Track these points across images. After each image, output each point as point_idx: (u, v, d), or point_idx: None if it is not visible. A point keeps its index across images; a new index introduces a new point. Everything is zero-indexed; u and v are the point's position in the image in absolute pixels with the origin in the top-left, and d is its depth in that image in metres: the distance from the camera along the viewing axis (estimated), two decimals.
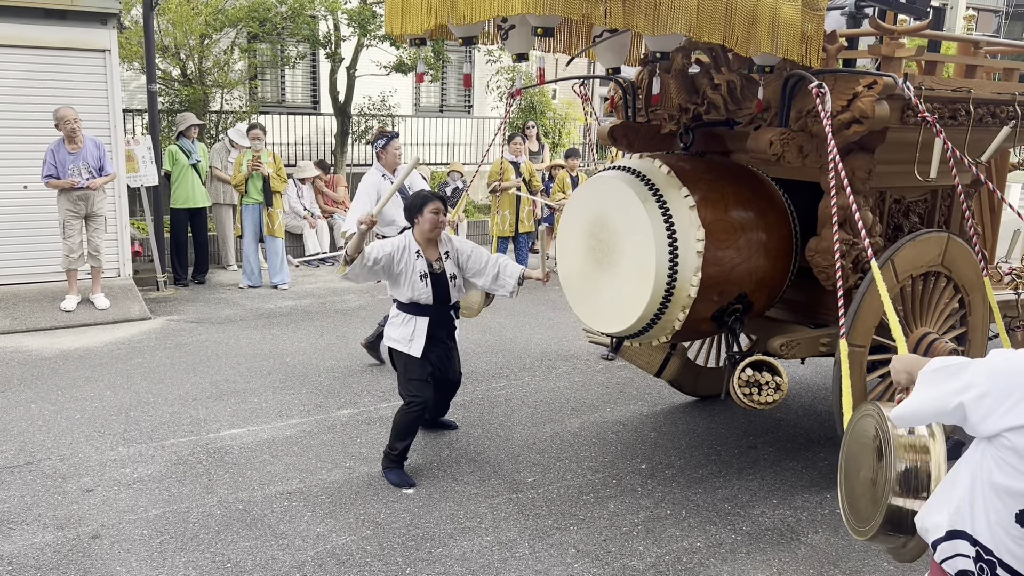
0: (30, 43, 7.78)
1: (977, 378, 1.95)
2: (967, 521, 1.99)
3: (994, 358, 1.96)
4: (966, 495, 2.00)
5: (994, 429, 1.89)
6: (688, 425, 5.56)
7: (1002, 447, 1.88)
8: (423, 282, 4.52)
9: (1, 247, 7.89)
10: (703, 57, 4.62)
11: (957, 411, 1.98)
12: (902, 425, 2.38)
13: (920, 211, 4.77)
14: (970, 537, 1.98)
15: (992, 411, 1.89)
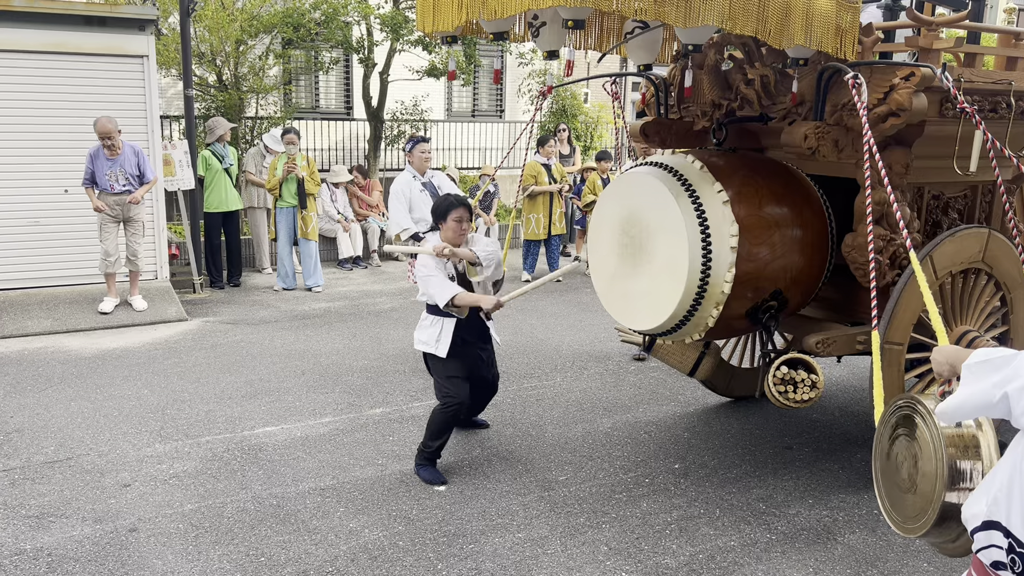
0: (71, 49, 7.95)
1: (1021, 369, 1.92)
2: (1003, 512, 1.97)
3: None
4: (1004, 486, 1.98)
5: None
6: (722, 425, 5.50)
7: None
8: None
9: (42, 250, 8.05)
10: (736, 53, 4.58)
11: (1002, 403, 1.95)
12: (948, 421, 2.34)
13: (960, 207, 4.68)
14: (1004, 528, 1.96)
15: None
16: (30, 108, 7.86)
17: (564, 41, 4.15)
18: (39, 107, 7.89)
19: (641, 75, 5.20)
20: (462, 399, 4.61)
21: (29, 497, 4.34)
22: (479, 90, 15.49)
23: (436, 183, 6.69)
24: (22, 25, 7.75)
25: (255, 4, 11.27)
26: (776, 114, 4.37)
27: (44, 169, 7.88)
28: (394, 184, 6.63)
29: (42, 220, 7.88)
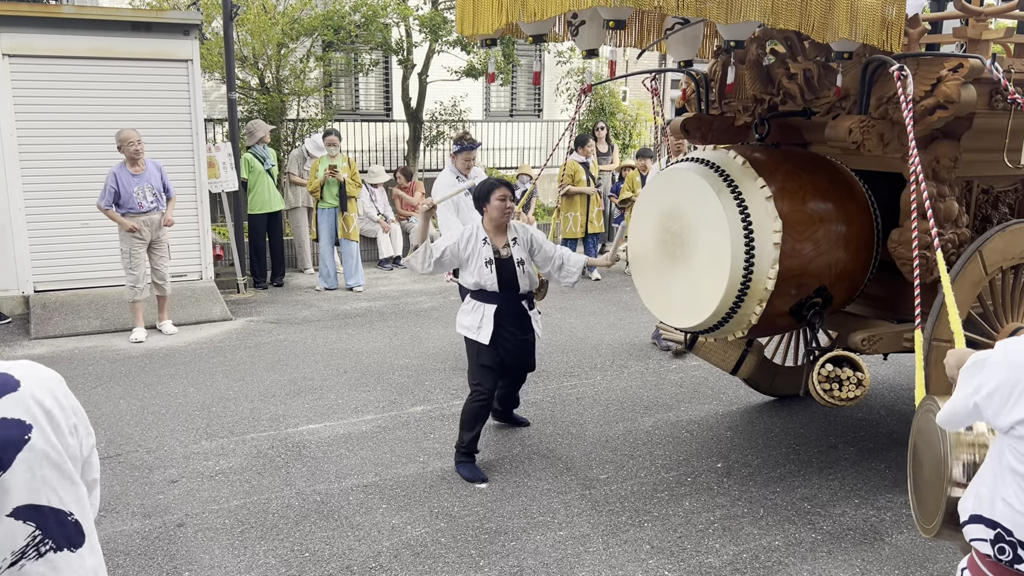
0: (118, 54, 8.12)
1: (984, 375, 2.01)
2: (985, 506, 2.07)
3: (997, 352, 2.01)
4: (988, 481, 2.08)
5: (1006, 423, 1.96)
6: (765, 424, 5.44)
7: (1014, 437, 1.96)
8: (488, 268, 4.54)
9: (92, 252, 8.23)
10: (778, 47, 4.53)
11: (975, 411, 2.06)
12: (948, 428, 2.38)
13: (1010, 201, 4.57)
14: (987, 520, 2.06)
15: (1001, 407, 1.96)
16: (79, 112, 8.05)
17: (604, 39, 4.14)
18: (88, 111, 8.07)
19: (681, 71, 5.16)
20: (489, 389, 4.64)
21: None
22: (517, 90, 15.50)
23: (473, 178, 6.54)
24: (71, 31, 7.94)
25: (296, 8, 11.41)
26: (819, 108, 4.31)
27: (93, 172, 8.04)
28: (439, 183, 6.43)
29: (92, 222, 8.05)
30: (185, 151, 8.52)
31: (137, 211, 7.26)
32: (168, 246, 7.65)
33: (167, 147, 8.25)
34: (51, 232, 8.14)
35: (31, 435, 1.41)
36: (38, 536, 1.41)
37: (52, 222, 8.13)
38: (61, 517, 1.42)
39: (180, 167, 8.37)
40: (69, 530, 1.41)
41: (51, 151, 8.04)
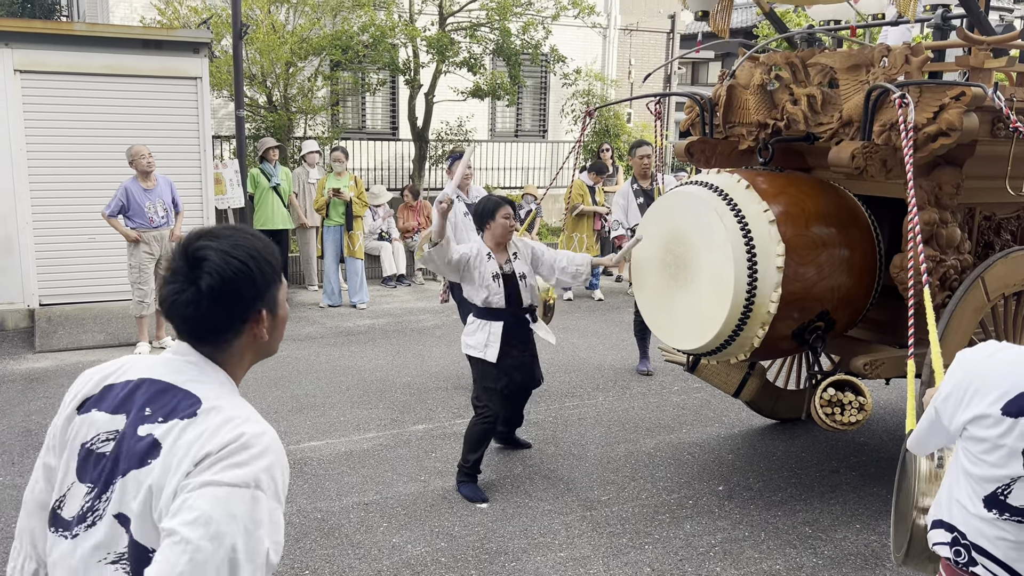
0: (128, 71, 8.21)
1: (944, 382, 2.10)
2: (944, 510, 2.14)
3: (956, 359, 2.10)
4: (945, 487, 2.15)
5: (959, 423, 2.03)
6: (767, 448, 5.44)
7: (966, 438, 2.03)
8: (495, 282, 4.56)
9: (97, 266, 8.27)
10: (783, 73, 4.57)
11: (937, 418, 2.12)
12: (916, 451, 2.45)
13: (1012, 228, 4.59)
14: (947, 524, 2.12)
15: (956, 409, 2.03)
16: (89, 127, 8.13)
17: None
18: (97, 126, 8.15)
19: (686, 95, 5.21)
20: (496, 411, 4.65)
21: None
22: (523, 110, 15.61)
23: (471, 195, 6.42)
24: (82, 48, 8.03)
25: (305, 27, 11.52)
26: (823, 134, 4.35)
27: (101, 187, 8.08)
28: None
29: (98, 236, 8.10)
30: (192, 168, 8.58)
31: (148, 226, 7.28)
32: None
33: (175, 163, 8.31)
34: (58, 246, 8.19)
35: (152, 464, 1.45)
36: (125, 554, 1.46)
37: (59, 236, 8.18)
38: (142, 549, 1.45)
39: (187, 183, 8.42)
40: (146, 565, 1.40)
41: (60, 166, 8.10)
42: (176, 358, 1.59)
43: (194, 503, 1.35)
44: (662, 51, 18.39)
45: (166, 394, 1.52)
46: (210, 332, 1.57)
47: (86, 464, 1.54)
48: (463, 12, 12.44)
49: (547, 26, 12.39)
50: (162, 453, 1.44)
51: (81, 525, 1.50)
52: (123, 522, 1.46)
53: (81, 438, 1.57)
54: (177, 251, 1.56)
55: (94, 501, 1.50)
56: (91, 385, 1.63)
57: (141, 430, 1.49)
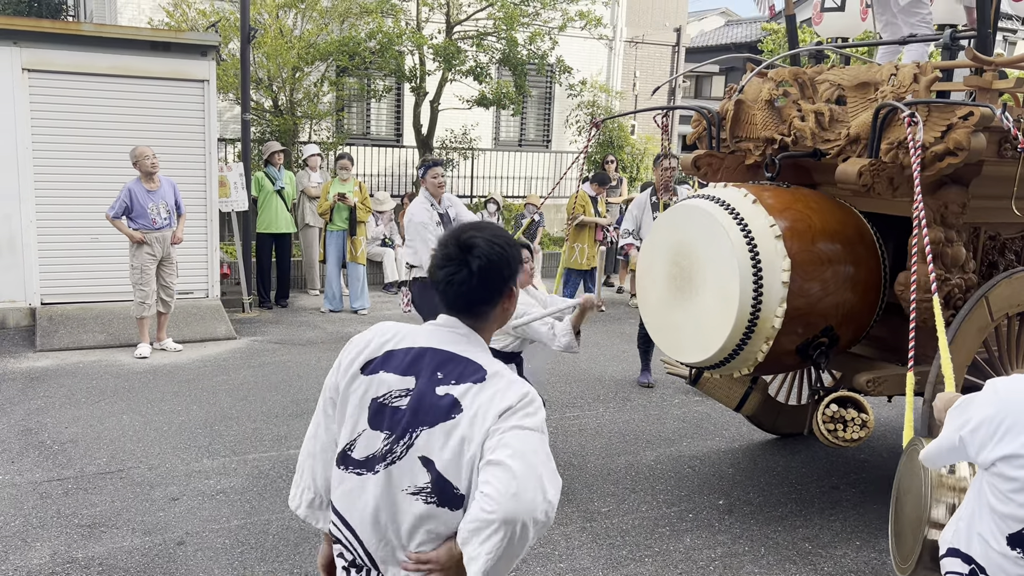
0: (136, 73, 8.22)
1: (971, 411, 2.05)
2: (963, 540, 2.10)
3: (986, 389, 2.05)
4: (966, 516, 2.12)
5: (988, 459, 1.99)
6: (767, 462, 5.44)
7: (994, 475, 1.99)
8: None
9: (100, 266, 8.26)
10: (791, 89, 4.59)
11: (960, 446, 2.08)
12: (930, 466, 2.42)
13: (1017, 248, 4.60)
14: (964, 555, 2.09)
15: (985, 443, 1.99)
16: (94, 128, 8.14)
17: None
18: (103, 127, 8.16)
19: (692, 108, 5.23)
20: None
21: (82, 507, 4.45)
22: (527, 120, 15.64)
23: (453, 213, 6.26)
24: (90, 49, 8.05)
25: (312, 32, 11.56)
26: (830, 150, 4.36)
27: (106, 187, 8.09)
28: (416, 210, 6.15)
29: (101, 236, 8.10)
30: (197, 170, 8.59)
31: (151, 227, 7.31)
32: (177, 263, 7.69)
33: (180, 165, 8.32)
34: (61, 245, 8.19)
35: (457, 418, 1.81)
36: (429, 488, 1.83)
37: (62, 236, 8.18)
38: (447, 486, 1.82)
39: (192, 185, 8.43)
40: (450, 498, 1.82)
41: (65, 165, 8.11)
42: (447, 330, 1.96)
43: (509, 441, 1.75)
44: (667, 64, 18.45)
45: (452, 361, 1.89)
46: (477, 305, 1.94)
47: (379, 415, 1.90)
48: (470, 21, 12.49)
49: (554, 37, 12.44)
50: (464, 409, 1.82)
51: (381, 464, 1.88)
52: (426, 464, 1.83)
53: (372, 394, 1.92)
54: (450, 240, 1.93)
55: (392, 445, 1.87)
56: (371, 349, 1.97)
57: (439, 390, 1.86)
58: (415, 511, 1.85)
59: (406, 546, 1.88)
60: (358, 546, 1.93)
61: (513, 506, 1.69)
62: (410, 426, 1.86)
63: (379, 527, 1.89)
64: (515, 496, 1.69)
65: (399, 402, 1.89)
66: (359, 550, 1.94)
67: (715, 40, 27.29)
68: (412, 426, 1.86)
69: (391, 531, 1.88)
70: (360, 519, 1.91)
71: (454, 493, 1.82)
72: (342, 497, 1.95)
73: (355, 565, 1.97)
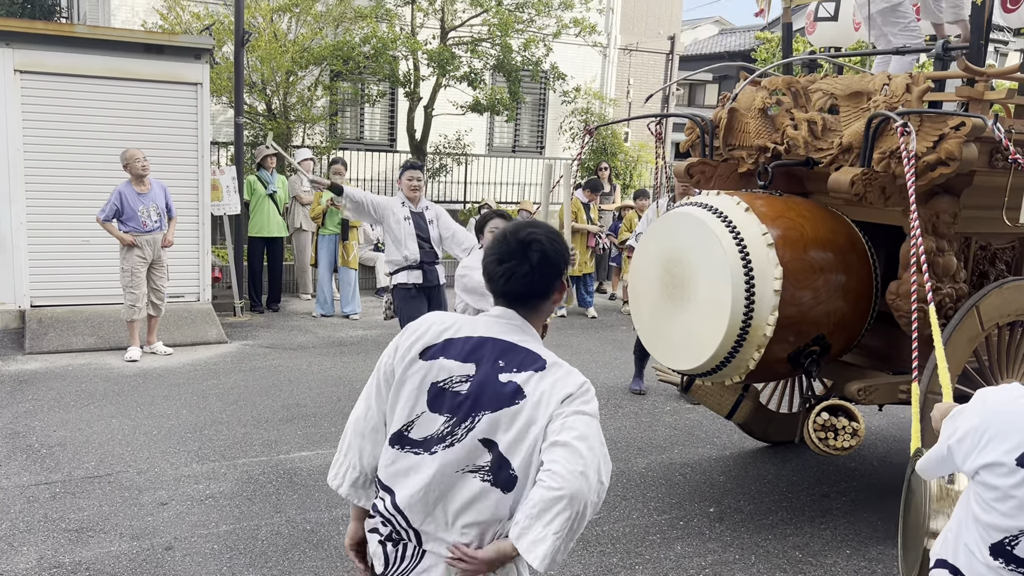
0: (129, 75, 8.20)
1: (959, 421, 2.06)
2: (950, 551, 2.11)
3: (975, 399, 2.06)
4: (954, 527, 2.13)
5: (972, 468, 2.00)
6: (758, 470, 5.44)
7: (978, 483, 1.99)
8: None
9: (90, 268, 8.23)
10: (784, 97, 4.60)
11: (949, 455, 2.09)
12: (925, 476, 2.44)
13: (1007, 258, 4.62)
14: (950, 566, 2.09)
15: (970, 451, 2.00)
16: (86, 129, 8.11)
17: None
18: (95, 129, 8.13)
19: (686, 116, 5.24)
20: None
21: (69, 511, 4.41)
22: (520, 126, 15.66)
23: (430, 216, 6.13)
24: (83, 51, 8.02)
25: (307, 37, 11.55)
26: (822, 159, 4.38)
27: (97, 190, 8.05)
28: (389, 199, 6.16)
29: (91, 239, 8.07)
30: (190, 173, 8.57)
31: (141, 230, 7.28)
32: (167, 266, 7.67)
33: (172, 168, 8.30)
34: (51, 248, 8.15)
35: (521, 403, 1.96)
36: (488, 467, 1.96)
37: (53, 238, 8.14)
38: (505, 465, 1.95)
39: (184, 189, 8.41)
40: (505, 478, 1.95)
41: (56, 167, 8.08)
42: (505, 321, 2.09)
43: (574, 424, 1.91)
44: (661, 71, 18.50)
45: (512, 351, 2.04)
46: (534, 297, 2.09)
47: (440, 399, 2.02)
48: (465, 27, 12.50)
49: (548, 43, 12.46)
50: (528, 395, 1.97)
51: (440, 445, 2.00)
52: (487, 445, 1.97)
53: (432, 378, 2.04)
54: (509, 237, 2.07)
55: (453, 427, 1.99)
56: (430, 335, 2.08)
57: (502, 377, 2.00)
58: (471, 489, 1.97)
59: (451, 524, 1.99)
60: (402, 520, 2.04)
61: (580, 484, 1.84)
62: (472, 410, 1.99)
63: (427, 505, 2.00)
64: (582, 474, 1.85)
65: (460, 387, 2.02)
66: (402, 524, 2.04)
67: (709, 48, 27.38)
68: (474, 410, 1.99)
69: (439, 509, 2.00)
70: (409, 496, 2.02)
71: (510, 474, 1.95)
72: (393, 475, 2.06)
73: (391, 539, 2.07)
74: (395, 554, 2.07)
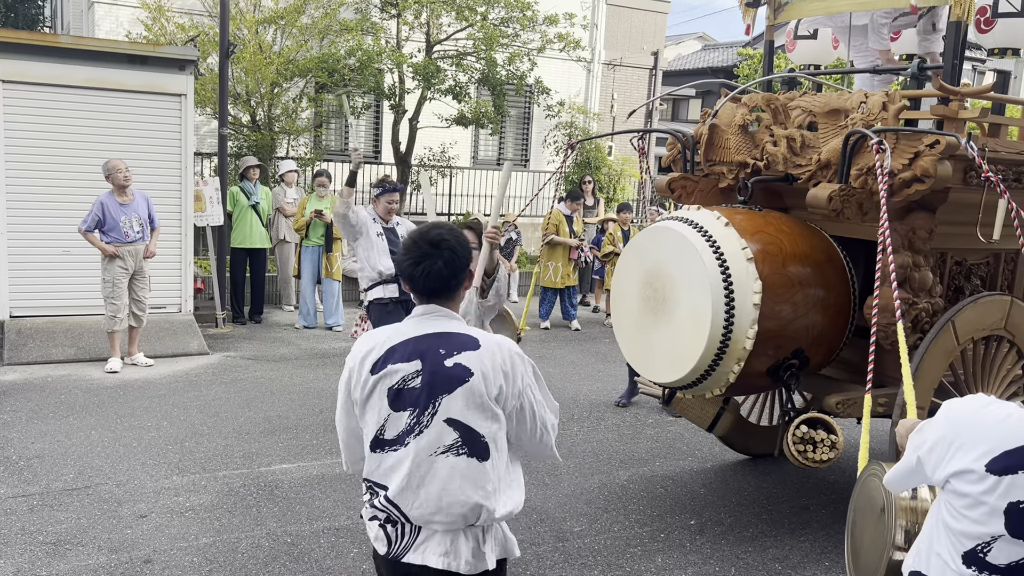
0: (112, 86, 8.18)
1: (927, 432, 2.09)
2: (923, 562, 2.13)
3: (941, 410, 2.09)
4: (925, 537, 2.15)
5: (942, 477, 2.02)
6: (739, 483, 5.47)
7: (949, 492, 2.02)
8: None
9: (71, 279, 8.17)
10: (764, 114, 4.66)
11: (918, 466, 2.11)
12: (893, 490, 2.46)
13: (982, 273, 4.70)
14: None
15: (940, 461, 2.02)
16: (69, 140, 8.07)
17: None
18: (78, 139, 8.09)
19: (667, 132, 5.30)
20: None
21: (47, 524, 4.38)
22: (505, 139, 15.73)
23: (401, 231, 5.99)
24: (67, 61, 8.00)
25: (292, 49, 11.57)
26: (801, 175, 4.44)
27: (79, 200, 8.00)
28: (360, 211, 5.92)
29: (72, 249, 8.02)
30: (173, 184, 8.55)
31: (123, 241, 7.27)
32: (149, 277, 7.63)
33: (155, 179, 8.28)
34: (31, 258, 8.09)
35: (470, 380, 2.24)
36: (459, 442, 2.23)
37: (33, 248, 8.08)
38: (475, 436, 2.24)
39: (167, 199, 8.39)
40: (479, 447, 2.24)
41: (38, 177, 8.03)
42: (431, 316, 2.36)
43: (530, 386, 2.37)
44: (644, 86, 18.64)
45: (447, 338, 2.30)
46: (449, 289, 2.36)
47: (399, 398, 2.26)
48: (450, 41, 12.57)
49: (532, 58, 12.54)
50: (475, 372, 2.24)
51: (410, 436, 2.25)
52: (451, 424, 2.23)
53: (387, 384, 2.27)
54: (419, 241, 2.33)
55: (419, 417, 2.24)
56: (375, 352, 2.31)
57: (447, 362, 2.25)
58: (448, 465, 2.23)
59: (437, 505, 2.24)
60: (394, 509, 2.29)
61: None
62: (431, 397, 2.24)
63: (413, 491, 2.24)
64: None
65: (414, 382, 2.26)
66: (395, 512, 2.29)
67: (692, 64, 27.62)
68: (432, 397, 2.24)
69: (423, 492, 2.23)
70: (397, 488, 2.26)
71: (480, 441, 2.24)
72: (382, 475, 2.30)
73: (390, 521, 2.32)
74: (395, 534, 2.31)
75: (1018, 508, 1.90)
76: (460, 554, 2.27)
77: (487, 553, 2.31)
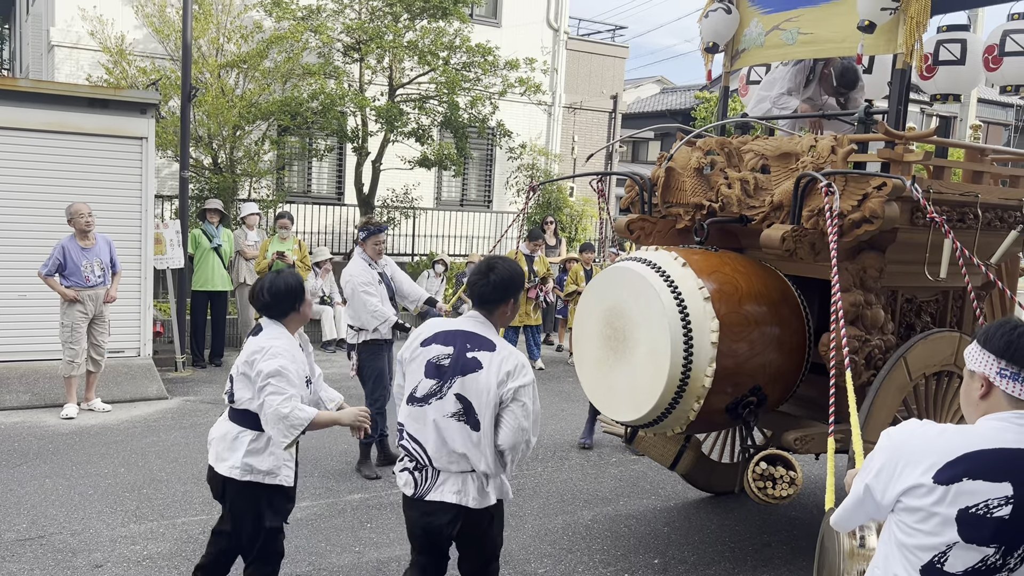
0: (72, 129, 8.12)
1: (871, 462, 2.15)
2: None
3: (881, 439, 2.16)
4: (880, 563, 2.17)
5: (892, 498, 2.07)
6: (701, 521, 5.51)
7: (899, 510, 2.07)
8: None
9: (26, 324, 8.02)
10: (718, 157, 4.79)
11: (867, 495, 2.15)
12: (840, 529, 2.50)
13: (932, 310, 4.83)
14: None
15: (888, 482, 2.08)
16: (28, 183, 7.97)
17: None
18: (38, 183, 7.99)
19: (625, 175, 5.41)
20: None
21: None
22: (468, 180, 15.86)
23: (389, 272, 6.29)
24: (26, 104, 7.94)
25: (254, 92, 11.61)
26: (755, 216, 4.55)
27: (38, 243, 7.91)
28: (354, 272, 6.04)
29: (28, 294, 7.90)
30: (133, 227, 8.47)
31: (84, 285, 7.19)
32: (109, 321, 7.52)
33: (116, 222, 8.19)
34: None
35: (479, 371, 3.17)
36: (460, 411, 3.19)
37: None
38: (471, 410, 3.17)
39: (127, 243, 8.30)
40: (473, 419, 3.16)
41: None
42: (472, 319, 3.27)
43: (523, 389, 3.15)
44: (604, 128, 18.97)
45: (475, 337, 3.20)
46: (491, 302, 3.25)
47: (432, 370, 3.19)
48: (413, 84, 12.71)
49: (494, 102, 12.72)
50: (484, 367, 3.13)
51: (433, 398, 3.17)
52: (459, 398, 3.13)
53: (429, 357, 3.21)
54: (482, 264, 3.27)
55: (440, 387, 3.16)
56: (427, 332, 3.29)
57: (468, 354, 3.15)
58: (454, 427, 3.13)
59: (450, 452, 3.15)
60: (423, 452, 3.18)
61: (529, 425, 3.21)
62: (451, 375, 3.15)
63: (434, 439, 3.15)
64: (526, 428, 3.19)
65: (444, 361, 3.18)
66: (423, 455, 3.18)
67: (651, 107, 28.16)
68: (452, 375, 3.15)
69: (441, 442, 3.14)
70: (423, 434, 3.18)
71: (475, 418, 3.12)
72: (411, 422, 3.22)
73: (418, 468, 3.20)
74: (421, 478, 3.18)
75: (967, 514, 1.96)
76: (468, 492, 3.14)
77: (490, 493, 3.20)
